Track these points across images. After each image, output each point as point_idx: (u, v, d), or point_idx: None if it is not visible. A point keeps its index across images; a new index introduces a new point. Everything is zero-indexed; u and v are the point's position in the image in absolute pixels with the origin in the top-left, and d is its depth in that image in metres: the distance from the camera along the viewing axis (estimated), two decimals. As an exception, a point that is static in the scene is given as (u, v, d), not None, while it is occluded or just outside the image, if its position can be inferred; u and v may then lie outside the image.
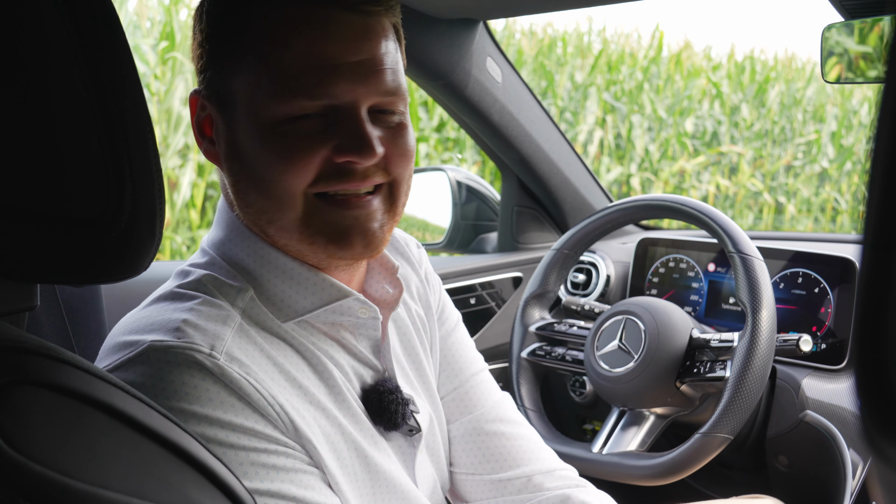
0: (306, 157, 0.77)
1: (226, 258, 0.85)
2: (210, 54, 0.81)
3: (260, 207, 0.81)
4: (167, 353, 0.74)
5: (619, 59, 7.95)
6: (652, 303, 1.46)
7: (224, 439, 0.73)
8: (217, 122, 0.82)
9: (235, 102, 0.80)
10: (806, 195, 8.40)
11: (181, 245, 4.82)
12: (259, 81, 0.78)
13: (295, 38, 0.77)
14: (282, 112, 0.77)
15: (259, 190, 0.80)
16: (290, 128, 0.77)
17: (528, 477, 1.02)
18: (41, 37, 0.52)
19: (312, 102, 0.77)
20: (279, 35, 0.77)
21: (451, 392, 1.05)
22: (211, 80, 0.82)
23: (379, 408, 0.87)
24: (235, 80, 0.79)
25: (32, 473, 0.47)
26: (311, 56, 0.77)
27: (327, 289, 0.84)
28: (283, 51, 0.77)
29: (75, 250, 0.55)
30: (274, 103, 0.77)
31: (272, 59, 0.77)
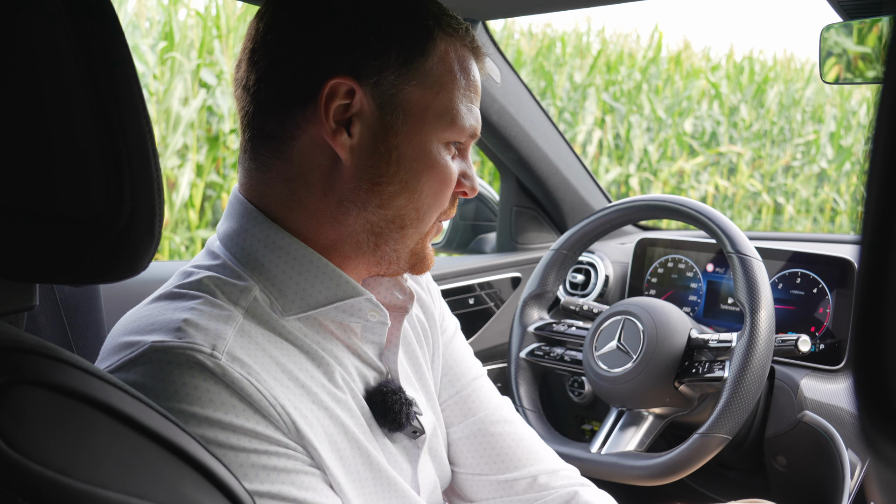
0: (453, 185, 0.87)
1: (236, 250, 0.84)
2: (392, 56, 0.81)
3: (403, 213, 0.85)
4: (168, 353, 0.73)
5: (617, 59, 7.95)
6: (650, 303, 1.46)
7: (225, 441, 0.73)
8: (369, 118, 0.82)
9: (404, 111, 0.82)
10: (805, 195, 8.41)
11: (180, 245, 4.82)
12: (434, 104, 0.83)
13: (464, 74, 0.86)
14: (446, 138, 0.85)
15: (411, 199, 0.84)
16: (447, 153, 0.86)
17: (533, 477, 1.05)
18: (40, 36, 0.52)
19: (464, 135, 0.87)
20: (457, 68, 0.85)
21: (452, 396, 1.07)
22: (383, 80, 0.81)
23: (383, 408, 0.87)
24: (413, 92, 0.82)
25: (31, 473, 0.47)
26: (469, 94, 0.86)
27: (342, 285, 0.84)
28: (455, 84, 0.85)
29: (74, 250, 0.55)
30: (443, 129, 0.84)
31: (449, 87, 0.84)
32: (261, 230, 0.84)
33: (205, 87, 5.02)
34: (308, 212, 0.84)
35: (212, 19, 5.21)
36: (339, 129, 0.81)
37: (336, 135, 0.81)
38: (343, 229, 0.84)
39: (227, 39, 5.16)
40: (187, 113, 4.79)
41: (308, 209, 0.84)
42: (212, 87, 5.01)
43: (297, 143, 0.82)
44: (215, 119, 5.07)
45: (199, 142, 4.99)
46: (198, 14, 5.18)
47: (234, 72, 0.87)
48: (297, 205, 0.84)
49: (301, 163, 0.83)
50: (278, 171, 0.84)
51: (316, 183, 0.83)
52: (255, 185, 0.85)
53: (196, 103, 4.83)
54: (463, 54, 0.86)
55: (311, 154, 0.82)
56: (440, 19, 0.84)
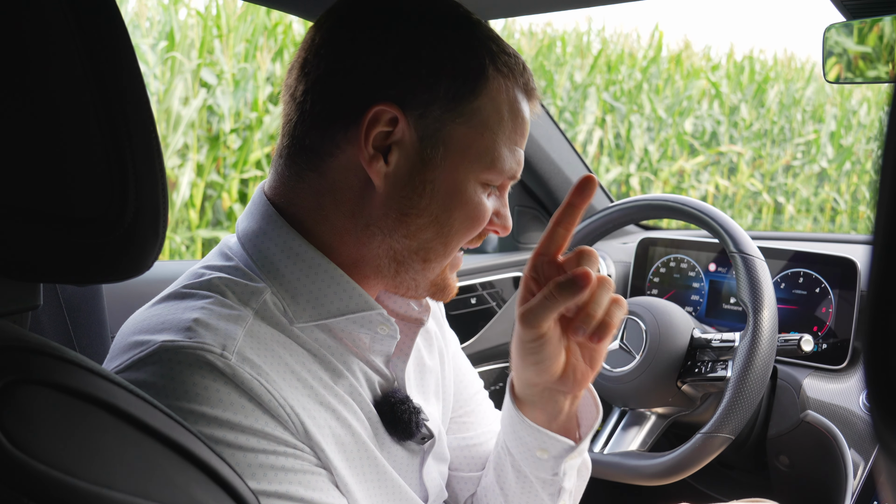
0: (485, 223, 0.86)
1: (253, 251, 0.84)
2: (444, 91, 0.80)
3: (430, 246, 0.84)
4: (178, 353, 0.73)
5: (618, 59, 7.95)
6: (653, 303, 1.46)
7: (233, 441, 0.73)
8: (408, 149, 0.81)
9: (445, 147, 0.81)
10: (805, 195, 8.41)
11: (180, 245, 4.82)
12: (477, 143, 0.82)
13: (513, 118, 0.84)
14: (483, 178, 0.84)
15: (439, 233, 0.84)
16: (481, 193, 0.84)
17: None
18: (45, 35, 0.52)
19: (503, 177, 0.85)
20: (504, 110, 0.84)
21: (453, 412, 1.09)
22: (428, 113, 0.80)
23: (393, 419, 0.87)
24: (457, 129, 0.81)
25: (36, 473, 0.47)
26: (515, 138, 0.85)
27: (356, 298, 0.84)
28: (502, 126, 0.83)
29: (78, 250, 0.55)
30: (482, 170, 0.83)
31: (495, 129, 0.83)
32: (279, 235, 0.83)
33: (205, 87, 5.02)
34: (333, 228, 0.84)
35: (212, 19, 5.21)
36: (377, 155, 0.80)
37: (373, 161, 0.80)
38: (365, 251, 0.84)
39: (228, 39, 5.16)
40: (188, 113, 4.79)
41: (334, 225, 0.84)
42: (212, 87, 5.01)
43: (333, 161, 0.82)
44: (216, 119, 5.07)
45: (200, 141, 4.99)
46: (198, 14, 5.18)
47: (286, 77, 0.86)
48: (324, 219, 0.84)
49: (334, 180, 0.83)
50: (310, 182, 0.83)
51: (345, 202, 0.83)
52: (284, 191, 0.85)
53: (196, 103, 4.83)
54: (515, 96, 0.84)
55: (345, 174, 0.82)
56: (497, 58, 0.83)
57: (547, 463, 0.96)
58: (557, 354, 0.89)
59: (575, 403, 0.96)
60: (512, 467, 0.99)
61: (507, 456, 0.99)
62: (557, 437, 0.94)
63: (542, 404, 0.94)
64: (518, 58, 0.86)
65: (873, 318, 0.30)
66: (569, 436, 0.95)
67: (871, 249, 0.30)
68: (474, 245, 0.89)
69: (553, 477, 0.96)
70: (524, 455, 0.96)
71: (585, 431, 0.98)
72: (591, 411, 0.99)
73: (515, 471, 0.99)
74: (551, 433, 0.94)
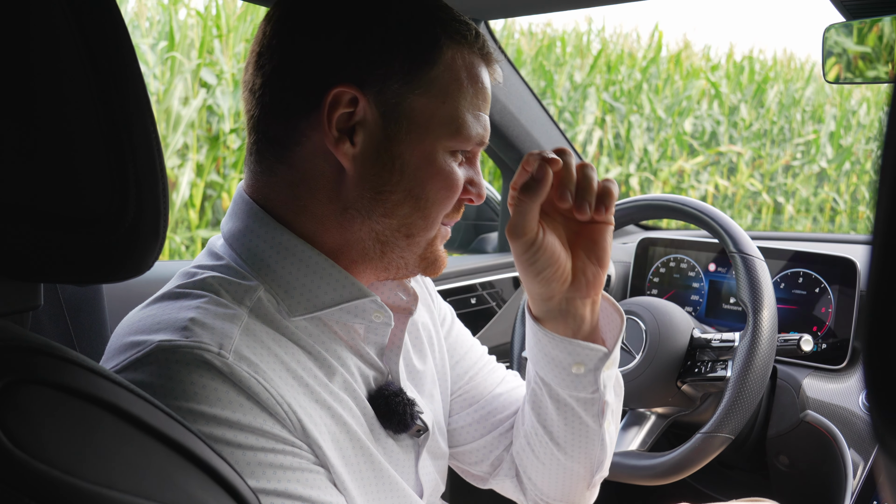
0: (459, 191, 0.86)
1: (242, 250, 0.84)
2: (398, 66, 0.80)
3: (409, 222, 0.84)
4: (175, 352, 0.73)
5: (618, 59, 7.96)
6: (653, 303, 1.46)
7: (232, 439, 0.73)
8: (372, 127, 0.81)
9: (408, 120, 0.81)
10: (804, 195, 8.41)
11: (180, 245, 4.82)
12: (439, 113, 0.82)
13: (472, 83, 0.84)
14: (451, 146, 0.84)
15: (416, 207, 0.84)
16: (451, 161, 0.85)
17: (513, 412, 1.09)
18: (45, 35, 0.52)
19: (470, 143, 0.85)
20: (464, 77, 0.84)
21: (458, 389, 1.08)
22: (389, 90, 0.80)
23: (387, 412, 0.87)
24: (417, 100, 0.81)
25: (37, 472, 0.47)
26: (477, 102, 0.85)
27: (348, 287, 0.84)
28: (462, 91, 0.84)
29: (79, 250, 0.55)
30: (448, 138, 0.83)
31: (455, 95, 0.83)
32: (266, 231, 0.84)
33: (205, 87, 5.02)
34: (314, 217, 0.84)
35: (212, 19, 5.21)
36: (343, 137, 0.81)
37: (339, 143, 0.80)
38: (349, 235, 0.84)
39: (228, 39, 5.16)
40: (187, 113, 4.80)
41: (314, 214, 0.84)
42: (212, 87, 5.02)
43: (301, 150, 0.82)
44: (215, 119, 5.07)
45: (200, 141, 4.99)
46: (198, 14, 5.18)
47: (243, 73, 0.87)
48: (303, 210, 0.84)
49: (305, 169, 0.83)
50: (283, 175, 0.84)
51: (320, 189, 0.83)
52: (260, 187, 0.86)
53: (196, 103, 4.83)
54: (472, 61, 0.85)
55: (315, 161, 0.82)
56: (448, 26, 0.83)
57: (585, 378, 0.95)
58: (557, 259, 0.90)
59: (595, 310, 0.95)
60: (550, 398, 0.98)
61: (543, 387, 0.98)
62: (590, 345, 0.93)
63: (563, 317, 0.94)
64: (470, 24, 0.86)
65: (872, 318, 0.30)
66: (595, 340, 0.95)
67: (870, 249, 0.30)
68: (453, 219, 0.89)
69: (593, 395, 0.96)
70: (560, 377, 0.95)
71: (612, 339, 0.97)
72: (614, 319, 0.99)
73: (554, 401, 0.98)
74: (583, 342, 0.93)
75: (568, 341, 0.93)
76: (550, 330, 0.94)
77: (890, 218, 0.29)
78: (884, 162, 0.30)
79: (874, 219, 0.30)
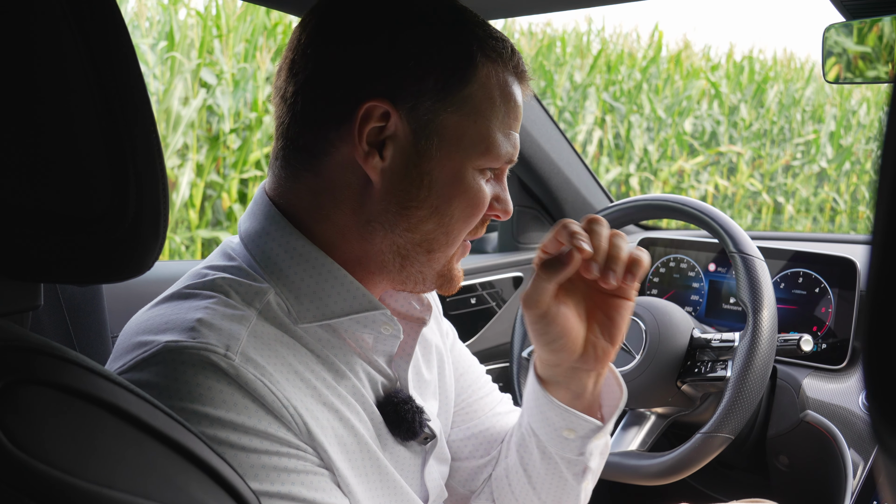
0: (485, 209, 0.86)
1: (256, 252, 0.84)
2: (433, 82, 0.80)
3: (432, 237, 0.84)
4: (182, 353, 0.73)
5: (618, 59, 7.95)
6: (653, 303, 1.46)
7: (236, 441, 0.73)
8: (403, 142, 0.80)
9: (439, 137, 0.81)
10: (804, 195, 8.41)
11: (180, 245, 4.82)
12: (470, 131, 0.82)
13: (505, 102, 0.84)
14: (480, 164, 0.83)
15: (440, 224, 0.83)
16: (481, 178, 0.84)
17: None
18: (45, 35, 0.52)
19: (499, 162, 0.85)
20: (497, 95, 0.83)
21: (458, 405, 1.09)
22: (419, 105, 0.80)
23: (396, 419, 0.87)
24: (448, 117, 0.80)
25: (37, 472, 0.47)
26: (509, 122, 0.85)
27: (359, 298, 0.84)
28: (495, 110, 0.83)
29: (79, 250, 0.55)
30: (477, 156, 0.83)
31: (488, 115, 0.82)
32: (282, 235, 0.83)
33: (205, 87, 5.02)
34: (335, 226, 0.84)
35: (212, 19, 5.21)
36: (372, 151, 0.80)
37: (368, 157, 0.80)
38: (369, 247, 0.84)
39: (228, 39, 5.16)
40: (187, 113, 4.79)
41: (335, 224, 0.84)
42: (212, 87, 5.01)
43: (329, 160, 0.82)
44: (215, 119, 5.07)
45: (200, 141, 4.99)
46: (198, 14, 5.18)
47: (274, 79, 0.86)
48: (324, 218, 0.84)
49: (332, 179, 0.82)
50: (308, 183, 0.83)
51: (345, 200, 0.83)
52: (283, 192, 0.85)
53: (196, 103, 4.83)
54: (506, 79, 0.84)
55: (342, 172, 0.82)
56: (485, 44, 0.83)
57: (573, 443, 0.96)
58: (570, 332, 0.90)
59: (599, 382, 0.96)
60: (537, 448, 1.00)
61: (532, 437, 1.00)
62: (585, 416, 0.95)
63: (566, 383, 0.95)
64: (506, 41, 0.85)
65: (872, 319, 0.30)
66: (592, 416, 0.96)
67: (869, 249, 0.30)
68: (478, 234, 0.88)
69: (578, 457, 0.97)
70: (550, 436, 0.97)
71: (609, 411, 0.99)
72: (615, 391, 1.00)
73: (541, 451, 0.99)
74: (578, 413, 0.95)
75: (565, 409, 0.95)
76: (551, 392, 0.96)
77: (889, 218, 0.29)
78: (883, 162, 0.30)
79: (874, 219, 0.30)
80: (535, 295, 0.88)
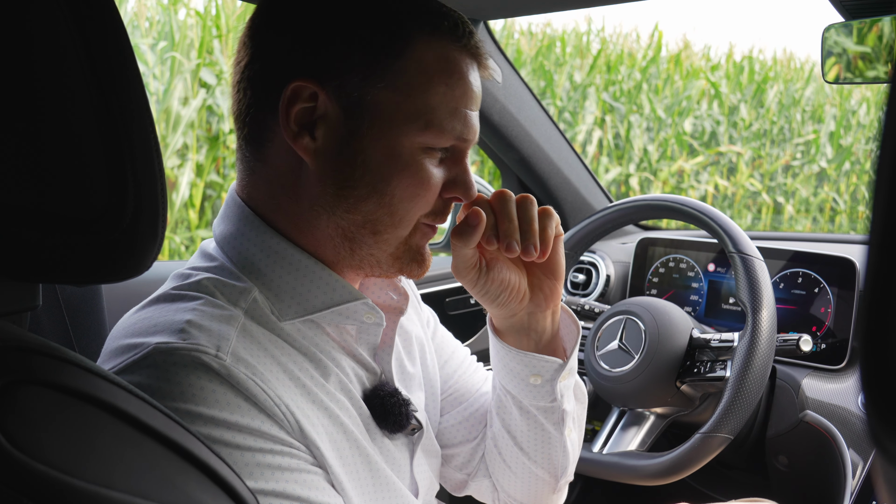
0: (432, 189, 0.83)
1: (233, 254, 0.84)
2: (361, 60, 0.79)
3: (375, 218, 0.82)
4: (173, 354, 0.73)
5: (617, 59, 7.95)
6: (652, 303, 1.46)
7: (230, 440, 0.73)
8: (334, 122, 0.80)
9: (371, 114, 0.80)
10: (804, 195, 8.41)
11: (180, 245, 4.82)
12: (404, 106, 0.80)
13: (447, 77, 0.81)
14: (420, 141, 0.81)
15: (381, 203, 0.82)
16: (422, 157, 0.82)
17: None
18: (43, 35, 0.52)
19: (448, 142, 0.83)
20: (434, 70, 0.81)
21: (445, 391, 1.10)
22: (351, 84, 0.79)
23: (383, 412, 0.87)
24: (381, 94, 0.79)
25: (36, 473, 0.47)
26: (455, 97, 0.82)
27: (339, 290, 0.84)
28: (434, 85, 0.81)
29: (77, 250, 0.55)
30: (414, 132, 0.80)
31: (423, 90, 0.80)
32: (257, 234, 0.84)
33: (205, 87, 5.02)
34: (287, 215, 0.84)
35: (211, 19, 5.21)
36: (302, 132, 0.80)
37: (298, 138, 0.80)
38: (319, 234, 0.84)
39: (227, 39, 5.16)
40: (187, 113, 4.79)
41: (287, 212, 0.84)
42: (212, 87, 5.01)
43: (271, 147, 0.83)
44: (215, 119, 5.07)
45: (199, 141, 4.99)
46: (197, 14, 5.18)
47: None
48: (278, 208, 0.84)
49: (275, 165, 0.83)
50: (260, 173, 0.84)
51: (289, 186, 0.83)
52: (244, 186, 0.86)
53: (196, 103, 4.83)
54: (447, 55, 0.82)
55: (283, 157, 0.82)
56: (419, 18, 0.81)
57: (543, 388, 0.98)
58: (509, 284, 0.93)
59: (556, 319, 0.99)
60: (514, 405, 1.01)
61: (507, 396, 1.01)
62: (545, 357, 0.97)
63: (525, 331, 0.98)
64: (451, 17, 0.83)
65: (869, 320, 0.30)
66: (557, 356, 0.98)
67: (866, 250, 0.30)
68: (438, 219, 0.87)
69: (552, 404, 0.99)
70: (520, 387, 0.99)
71: (570, 348, 1.01)
72: (571, 329, 1.03)
73: (518, 408, 1.01)
74: (538, 354, 0.97)
75: (524, 354, 0.97)
76: (512, 343, 0.98)
77: (887, 219, 0.29)
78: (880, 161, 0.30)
79: (871, 219, 0.30)
80: (458, 263, 0.91)
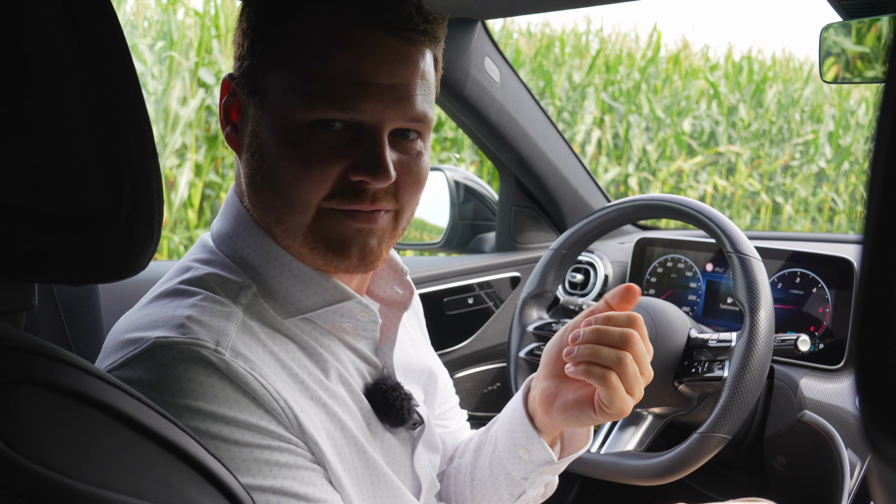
0: (324, 169, 0.78)
1: (230, 254, 0.85)
2: (252, 45, 0.81)
3: (271, 206, 0.81)
4: (172, 349, 0.73)
5: (616, 59, 7.95)
6: (650, 303, 1.46)
7: (229, 436, 0.73)
8: (245, 111, 0.82)
9: (266, 97, 0.80)
10: (803, 195, 8.41)
11: (179, 244, 4.82)
12: (292, 83, 0.78)
13: (336, 51, 0.77)
14: (307, 117, 0.78)
15: (273, 189, 0.80)
16: (312, 136, 0.78)
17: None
18: (39, 35, 0.52)
19: (339, 114, 0.78)
20: (323, 44, 0.78)
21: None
22: (248, 69, 0.81)
23: (385, 406, 0.88)
24: (271, 76, 0.80)
25: (31, 473, 0.47)
26: (347, 71, 0.77)
27: (331, 290, 0.85)
28: (322, 59, 0.77)
29: (73, 250, 0.55)
30: (301, 107, 0.77)
31: (310, 65, 0.78)
32: (251, 235, 0.84)
33: (203, 87, 5.01)
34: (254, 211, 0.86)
35: (210, 19, 5.20)
36: (233, 127, 0.84)
37: (230, 134, 0.84)
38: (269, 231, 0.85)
39: (226, 39, 5.16)
40: (186, 112, 4.79)
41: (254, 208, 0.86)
42: (210, 87, 5.01)
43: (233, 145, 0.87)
44: (214, 119, 5.06)
45: (198, 141, 4.99)
46: (196, 14, 5.18)
47: None
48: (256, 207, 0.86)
49: (238, 164, 0.87)
50: (239, 171, 0.87)
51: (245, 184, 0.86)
52: (238, 184, 0.88)
53: (195, 103, 4.83)
54: (333, 27, 0.77)
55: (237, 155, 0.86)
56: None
57: (523, 464, 0.98)
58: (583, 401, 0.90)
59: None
60: (490, 456, 1.02)
61: (491, 445, 1.02)
62: (545, 445, 0.97)
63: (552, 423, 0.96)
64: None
65: (863, 321, 0.30)
66: (553, 448, 0.99)
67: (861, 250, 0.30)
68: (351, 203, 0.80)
69: (521, 480, 1.00)
70: (507, 447, 0.99)
71: (567, 453, 1.01)
72: (581, 441, 1.02)
73: (491, 461, 1.02)
74: (544, 442, 0.96)
75: (531, 431, 0.96)
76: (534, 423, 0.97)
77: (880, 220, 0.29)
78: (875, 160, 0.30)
79: (865, 218, 0.30)
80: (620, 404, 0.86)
